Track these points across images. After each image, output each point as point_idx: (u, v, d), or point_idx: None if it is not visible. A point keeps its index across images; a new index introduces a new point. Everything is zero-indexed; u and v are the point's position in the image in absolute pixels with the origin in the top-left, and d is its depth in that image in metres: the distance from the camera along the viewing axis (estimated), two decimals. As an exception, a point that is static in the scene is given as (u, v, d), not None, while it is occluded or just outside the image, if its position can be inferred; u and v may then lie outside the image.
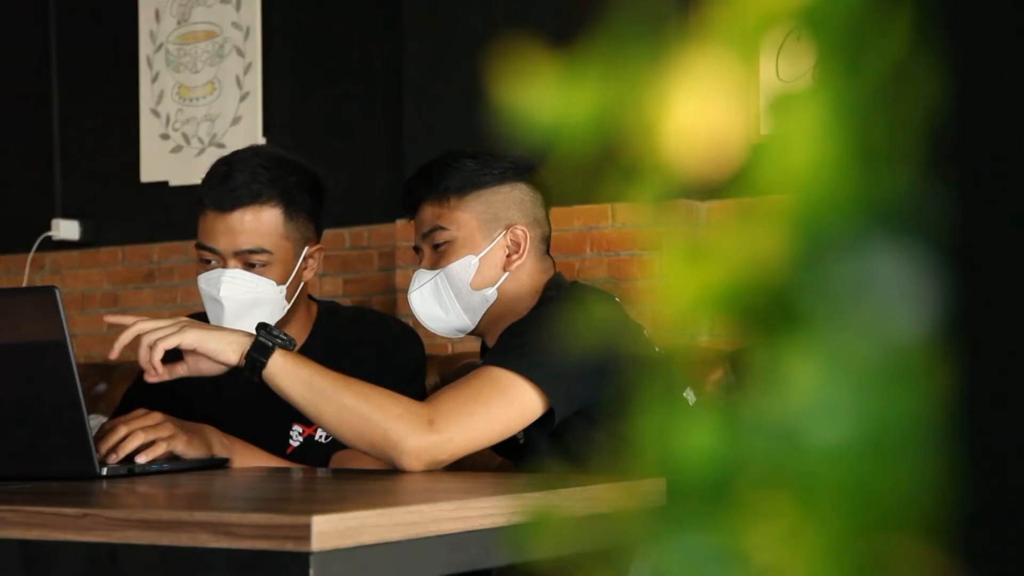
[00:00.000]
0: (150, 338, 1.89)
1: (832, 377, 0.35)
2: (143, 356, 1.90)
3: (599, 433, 2.02)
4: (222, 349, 1.88)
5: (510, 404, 1.89)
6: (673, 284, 0.37)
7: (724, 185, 0.46)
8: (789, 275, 0.36)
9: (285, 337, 1.89)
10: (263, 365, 1.85)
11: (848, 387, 0.35)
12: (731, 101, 0.42)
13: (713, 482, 0.35)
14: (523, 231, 2.13)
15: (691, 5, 3.36)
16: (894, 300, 0.35)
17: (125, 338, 1.91)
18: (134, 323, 1.92)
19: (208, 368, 1.92)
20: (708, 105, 0.40)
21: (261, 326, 1.90)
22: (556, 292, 2.11)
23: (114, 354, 1.91)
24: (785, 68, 2.76)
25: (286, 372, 1.85)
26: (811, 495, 0.34)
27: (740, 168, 0.40)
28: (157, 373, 1.90)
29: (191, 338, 1.88)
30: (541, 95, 0.38)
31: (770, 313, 0.36)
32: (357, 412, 1.83)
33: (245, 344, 1.88)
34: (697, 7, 3.33)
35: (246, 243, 2.15)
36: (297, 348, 2.01)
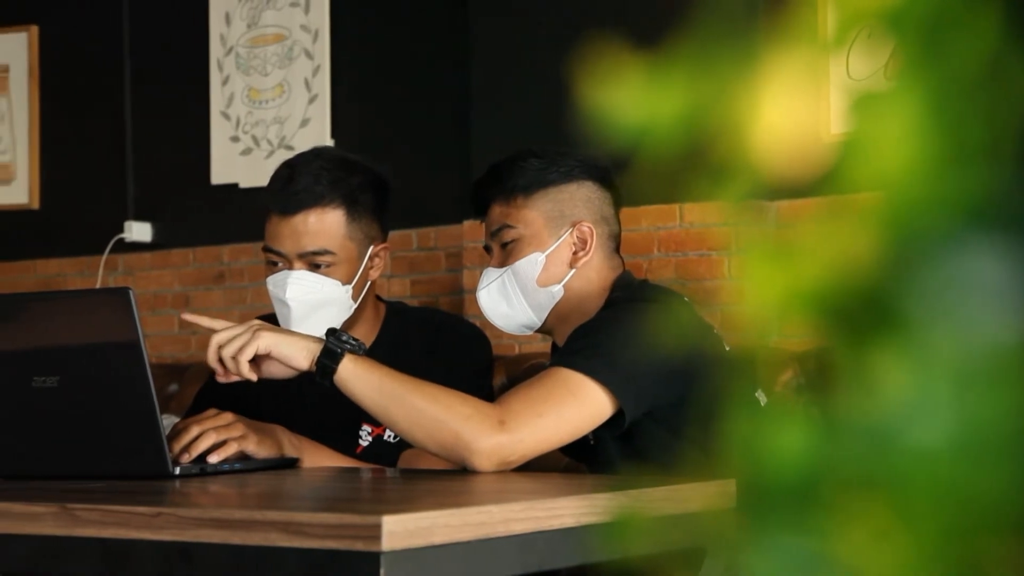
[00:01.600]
0: (230, 349, 1.91)
1: (928, 379, 0.34)
2: (230, 367, 1.93)
3: (669, 434, 2.01)
4: (293, 354, 1.90)
5: (580, 405, 1.89)
6: (760, 284, 0.37)
7: (802, 184, 0.46)
8: (883, 275, 0.35)
9: (354, 342, 1.91)
10: (333, 370, 1.87)
11: (944, 389, 0.34)
12: (810, 101, 0.41)
13: (804, 484, 0.35)
14: (589, 228, 2.13)
15: (761, 5, 3.34)
16: (992, 300, 0.35)
17: (211, 356, 1.93)
18: (211, 336, 1.94)
19: (279, 371, 1.94)
20: (789, 105, 0.40)
21: (330, 331, 1.92)
22: (625, 291, 2.11)
23: (221, 378, 1.95)
24: (856, 66, 2.73)
25: (356, 376, 1.87)
26: (905, 498, 0.34)
27: (823, 167, 0.40)
28: (240, 376, 1.93)
29: (265, 343, 1.91)
30: (628, 96, 0.38)
31: (862, 314, 0.35)
32: (428, 414, 1.84)
33: (315, 350, 1.90)
34: (769, 7, 3.31)
35: (310, 245, 2.17)
36: (365, 349, 2.01)
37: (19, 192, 4.92)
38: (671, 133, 0.38)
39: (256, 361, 1.94)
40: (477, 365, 2.26)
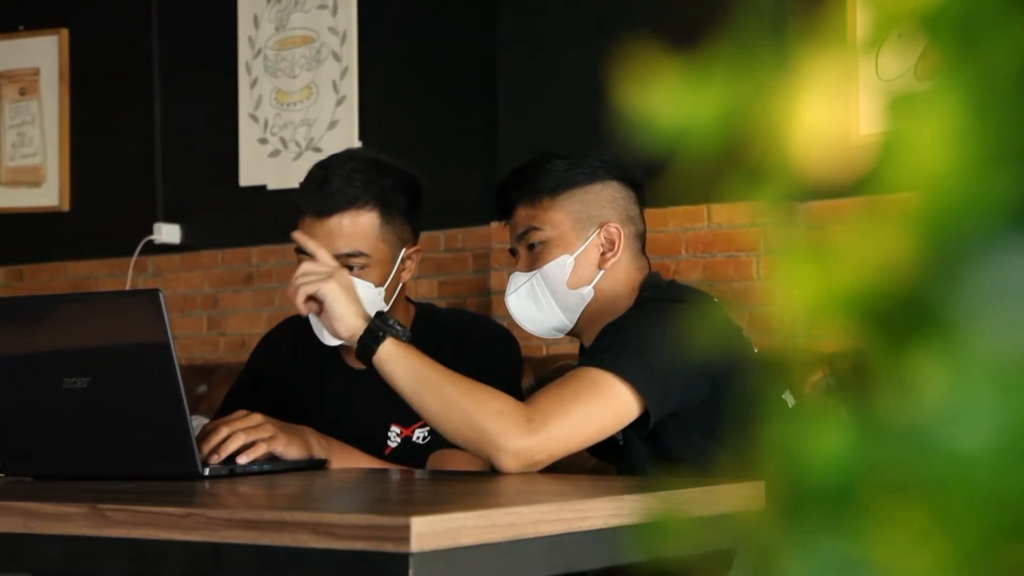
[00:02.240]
0: (300, 280, 1.98)
1: (967, 381, 0.34)
2: (291, 295, 2.00)
3: (697, 435, 2.00)
4: (339, 318, 1.96)
5: (607, 405, 1.89)
6: (797, 285, 0.37)
7: (832, 185, 0.45)
8: (921, 277, 0.35)
9: (400, 327, 1.94)
10: (373, 351, 1.91)
11: (984, 391, 0.34)
12: (840, 102, 0.41)
13: (842, 486, 0.34)
14: (616, 228, 2.12)
15: (791, 7, 3.33)
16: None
17: (292, 283, 1.99)
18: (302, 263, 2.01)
19: (327, 325, 1.99)
20: (820, 106, 0.40)
21: (378, 314, 1.97)
22: (653, 292, 2.10)
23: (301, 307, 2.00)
24: (885, 67, 2.72)
25: (395, 359, 1.91)
26: (944, 501, 0.33)
27: (853, 168, 0.39)
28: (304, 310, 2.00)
29: (326, 290, 1.96)
30: (665, 98, 0.38)
31: (900, 316, 0.35)
32: (458, 407, 1.86)
33: (360, 328, 1.94)
34: (798, 9, 3.30)
35: (344, 247, 2.17)
36: (409, 336, 2.02)
37: (49, 194, 4.95)
38: (708, 135, 0.38)
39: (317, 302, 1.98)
40: (507, 366, 2.26)
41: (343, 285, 1.98)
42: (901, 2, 0.37)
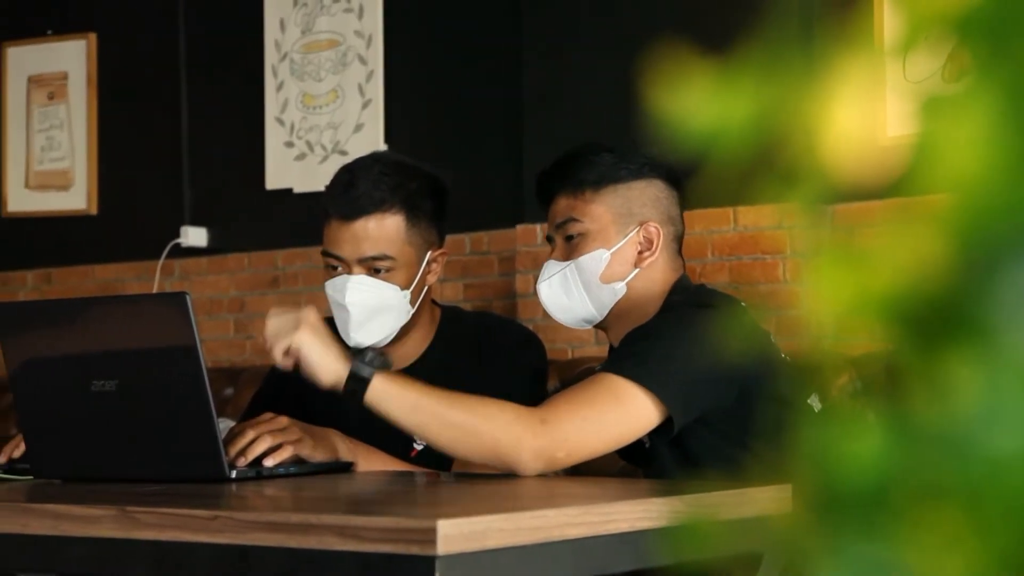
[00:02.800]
0: (269, 341, 1.92)
1: (1002, 385, 0.34)
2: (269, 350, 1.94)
3: (723, 440, 2.00)
4: (319, 368, 1.88)
5: (625, 412, 1.88)
6: (829, 288, 0.37)
7: (859, 188, 0.45)
8: (956, 281, 0.35)
9: (381, 358, 1.90)
10: (362, 393, 1.85)
11: (1020, 395, 0.33)
12: (869, 104, 0.41)
13: (876, 490, 0.34)
14: (656, 228, 2.11)
15: (818, 11, 3.32)
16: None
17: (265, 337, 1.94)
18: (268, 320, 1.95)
19: (308, 371, 1.92)
20: (849, 109, 0.39)
21: (356, 352, 1.91)
22: (682, 295, 2.09)
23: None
24: (912, 69, 2.70)
25: (389, 397, 1.85)
26: (978, 506, 0.33)
27: (881, 170, 0.39)
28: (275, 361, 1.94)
29: (299, 342, 1.89)
30: (698, 100, 0.38)
31: (935, 319, 0.35)
32: (466, 427, 1.83)
33: (343, 372, 1.87)
34: (825, 12, 3.29)
35: (370, 250, 2.17)
36: (421, 353, 2.02)
37: (77, 198, 4.98)
38: (738, 138, 0.38)
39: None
40: (532, 368, 2.26)
41: (313, 329, 1.90)
42: (933, 4, 0.37)
